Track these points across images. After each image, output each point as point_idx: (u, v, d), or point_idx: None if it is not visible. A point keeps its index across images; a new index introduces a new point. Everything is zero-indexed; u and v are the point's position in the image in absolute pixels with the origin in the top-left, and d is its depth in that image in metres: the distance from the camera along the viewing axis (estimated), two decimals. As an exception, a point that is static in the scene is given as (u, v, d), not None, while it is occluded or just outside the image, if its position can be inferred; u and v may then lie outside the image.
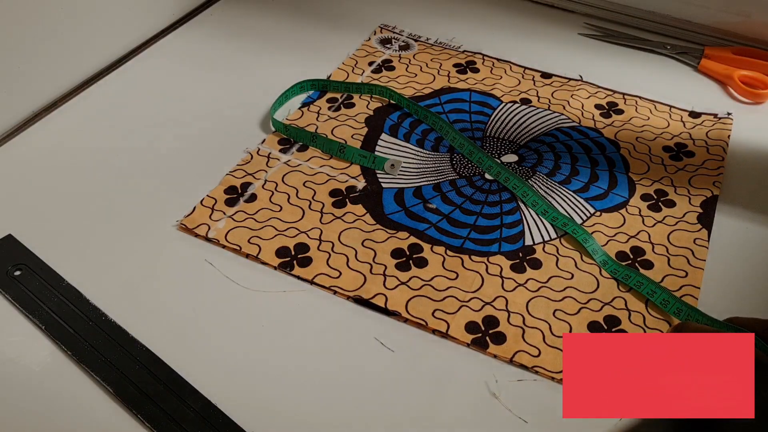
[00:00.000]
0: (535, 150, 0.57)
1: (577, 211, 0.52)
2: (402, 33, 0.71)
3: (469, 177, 0.55)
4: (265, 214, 0.50)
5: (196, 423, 0.38)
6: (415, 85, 0.64)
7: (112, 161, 0.55)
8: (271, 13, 0.73)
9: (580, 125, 0.60)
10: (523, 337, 0.43)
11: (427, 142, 0.58)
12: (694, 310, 0.44)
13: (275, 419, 0.39)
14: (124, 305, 0.44)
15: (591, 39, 0.71)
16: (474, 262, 0.48)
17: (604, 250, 0.48)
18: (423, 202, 0.52)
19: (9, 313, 0.44)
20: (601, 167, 0.56)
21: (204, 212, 0.50)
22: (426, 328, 0.44)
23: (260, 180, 0.53)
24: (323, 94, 0.62)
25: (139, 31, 0.68)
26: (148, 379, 0.40)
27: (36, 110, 0.59)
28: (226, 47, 0.68)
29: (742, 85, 0.64)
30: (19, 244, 0.47)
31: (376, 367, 0.42)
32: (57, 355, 0.42)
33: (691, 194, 0.53)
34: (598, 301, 0.46)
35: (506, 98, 0.63)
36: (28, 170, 0.54)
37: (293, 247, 0.48)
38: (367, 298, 0.45)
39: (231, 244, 0.48)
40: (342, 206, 0.51)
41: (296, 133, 0.56)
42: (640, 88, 0.64)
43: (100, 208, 0.51)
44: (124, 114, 0.60)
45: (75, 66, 0.62)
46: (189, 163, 0.55)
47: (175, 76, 0.64)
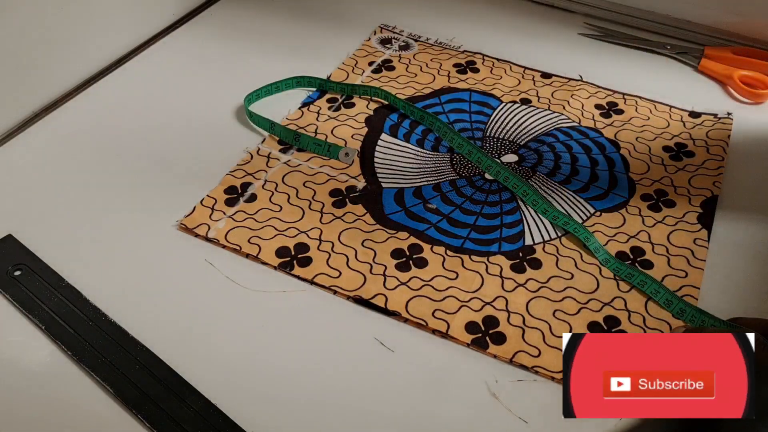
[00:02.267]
0: (535, 150, 0.57)
1: (577, 210, 0.52)
2: (402, 33, 0.71)
3: (469, 177, 0.55)
4: (265, 214, 0.50)
5: (196, 423, 0.38)
6: (415, 85, 0.64)
7: (112, 161, 0.55)
8: (271, 13, 0.73)
9: (580, 125, 0.60)
10: (523, 337, 0.43)
11: (427, 142, 0.58)
12: (697, 311, 0.44)
13: (275, 419, 0.39)
14: (124, 305, 0.44)
15: (591, 39, 0.71)
16: (474, 262, 0.48)
17: (605, 249, 0.48)
18: (423, 202, 0.52)
19: (9, 313, 0.44)
20: (601, 167, 0.56)
21: (204, 212, 0.50)
22: (426, 328, 0.44)
23: (260, 180, 0.53)
24: (323, 93, 0.62)
25: (139, 31, 0.68)
26: (149, 379, 0.40)
27: (36, 110, 0.59)
28: (226, 47, 0.68)
29: (742, 85, 0.64)
30: (19, 244, 0.47)
31: (376, 367, 0.42)
32: (57, 355, 0.42)
33: (691, 194, 0.53)
34: (598, 301, 0.46)
35: (506, 98, 0.63)
36: (28, 170, 0.54)
37: (293, 247, 0.48)
38: (367, 298, 0.45)
39: (231, 244, 0.48)
40: (342, 206, 0.51)
41: (281, 131, 0.57)
42: (640, 88, 0.64)
43: (101, 207, 0.51)
44: (124, 114, 0.60)
45: (75, 66, 0.62)
46: (189, 163, 0.55)
47: (175, 75, 0.64)
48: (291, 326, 0.44)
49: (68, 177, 0.53)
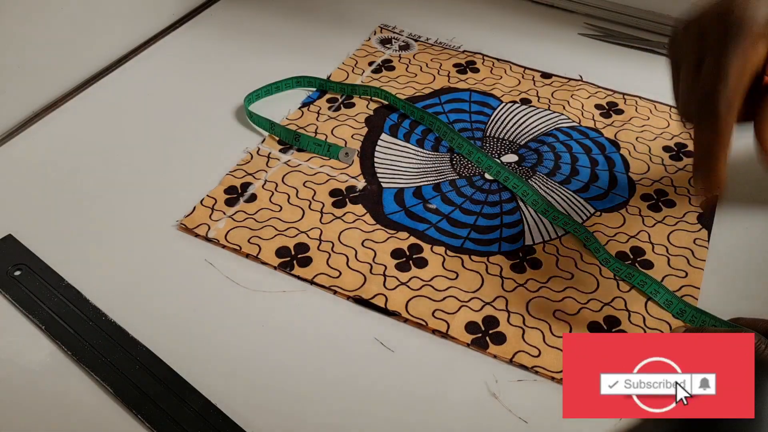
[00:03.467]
0: (535, 150, 0.57)
1: (577, 211, 0.52)
2: (402, 33, 0.71)
3: (469, 177, 0.55)
4: (265, 214, 0.50)
5: (196, 423, 0.38)
6: (415, 85, 0.64)
7: (112, 161, 0.55)
8: (271, 13, 0.73)
9: (580, 125, 0.60)
10: (523, 337, 0.43)
11: (427, 142, 0.58)
12: (697, 311, 0.44)
13: (275, 419, 0.39)
14: (124, 305, 0.44)
15: (591, 39, 0.71)
16: (474, 262, 0.48)
17: (605, 248, 0.48)
18: (423, 202, 0.52)
19: (9, 313, 0.44)
20: (601, 167, 0.56)
21: (204, 212, 0.50)
22: (426, 328, 0.44)
23: (260, 180, 0.53)
24: (323, 93, 0.62)
25: (139, 31, 0.68)
26: (148, 379, 0.40)
27: (36, 110, 0.59)
28: (226, 47, 0.68)
29: (742, 85, 0.63)
30: (19, 244, 0.47)
31: (376, 367, 0.42)
32: (57, 355, 0.42)
33: (691, 194, 0.53)
34: (598, 301, 0.46)
35: (506, 98, 0.63)
36: (28, 170, 0.54)
37: (293, 247, 0.48)
38: (367, 298, 0.45)
39: (231, 244, 0.48)
40: (342, 206, 0.51)
41: (281, 131, 0.57)
42: (640, 88, 0.64)
43: (101, 207, 0.51)
44: (124, 114, 0.60)
45: (75, 66, 0.62)
46: (189, 163, 0.55)
47: (175, 75, 0.64)
48: (291, 326, 0.44)
49: (68, 177, 0.53)
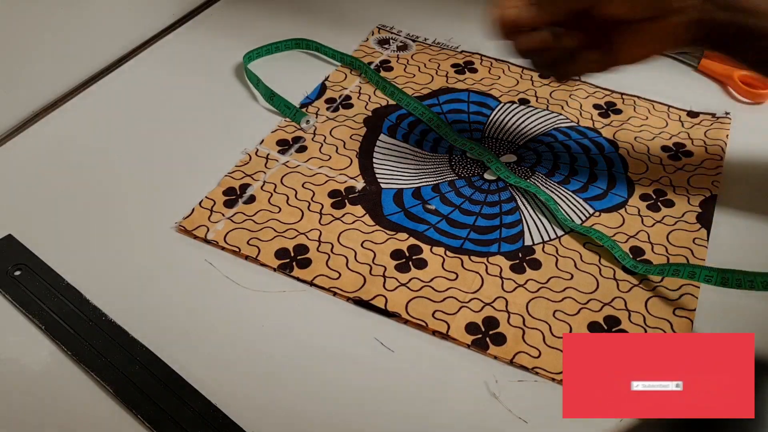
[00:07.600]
0: (533, 150, 0.57)
1: (576, 211, 0.52)
2: (400, 33, 0.71)
3: (468, 177, 0.55)
4: (264, 215, 0.50)
5: (196, 423, 0.38)
6: (413, 85, 0.64)
7: (112, 161, 0.55)
8: (270, 14, 0.73)
9: (579, 125, 0.60)
10: (523, 337, 0.43)
11: (426, 143, 0.58)
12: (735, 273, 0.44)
13: (275, 419, 0.39)
14: (124, 305, 0.44)
15: (590, 39, 0.71)
16: (473, 263, 0.48)
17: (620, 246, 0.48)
18: (422, 203, 0.52)
19: (9, 313, 0.44)
20: (599, 167, 0.56)
21: (203, 214, 0.50)
22: (426, 329, 0.44)
23: (259, 181, 0.53)
24: (322, 94, 0.62)
25: (139, 31, 0.68)
26: (148, 379, 0.40)
27: (36, 110, 0.59)
28: (226, 47, 0.68)
29: (741, 85, 0.64)
30: (19, 244, 0.47)
31: (376, 367, 0.42)
32: (57, 355, 0.42)
33: (690, 194, 0.53)
34: (598, 301, 0.46)
35: (504, 98, 0.63)
36: (28, 170, 0.54)
37: (292, 249, 0.48)
38: (367, 299, 0.45)
39: (230, 245, 0.48)
40: (341, 207, 0.51)
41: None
42: (639, 87, 0.64)
43: (100, 208, 0.51)
44: (124, 114, 0.60)
45: (75, 66, 0.62)
46: (188, 164, 0.55)
47: (175, 76, 0.64)
48: (291, 327, 0.44)
49: (68, 177, 0.53)
